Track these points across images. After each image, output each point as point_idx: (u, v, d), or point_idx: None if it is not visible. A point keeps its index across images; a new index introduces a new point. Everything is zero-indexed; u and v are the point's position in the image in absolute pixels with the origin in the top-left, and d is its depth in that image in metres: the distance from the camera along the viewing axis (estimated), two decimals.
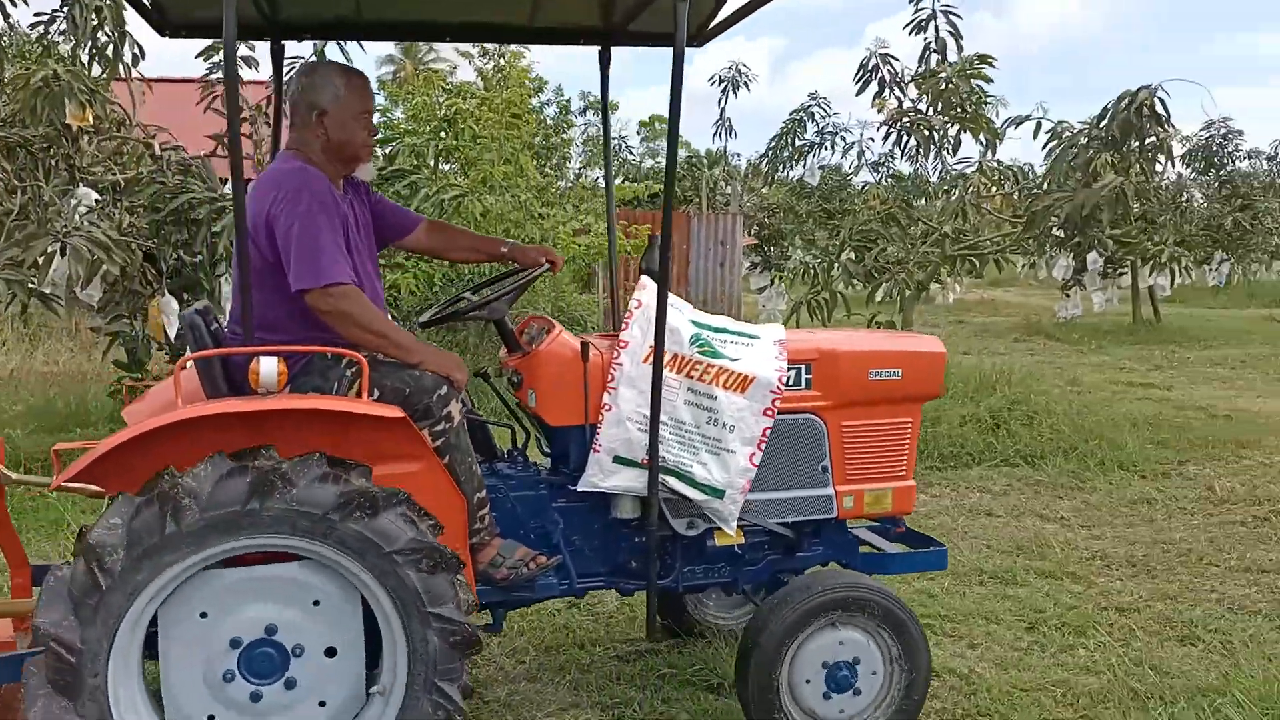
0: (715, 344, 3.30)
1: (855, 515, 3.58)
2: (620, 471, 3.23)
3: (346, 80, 3.18)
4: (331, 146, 3.16)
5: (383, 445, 2.83)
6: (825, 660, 3.20)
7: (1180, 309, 19.78)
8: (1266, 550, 5.50)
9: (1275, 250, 20.31)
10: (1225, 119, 17.71)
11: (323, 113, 3.12)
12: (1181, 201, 16.67)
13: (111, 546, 2.58)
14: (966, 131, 7.80)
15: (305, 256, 2.92)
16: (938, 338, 3.79)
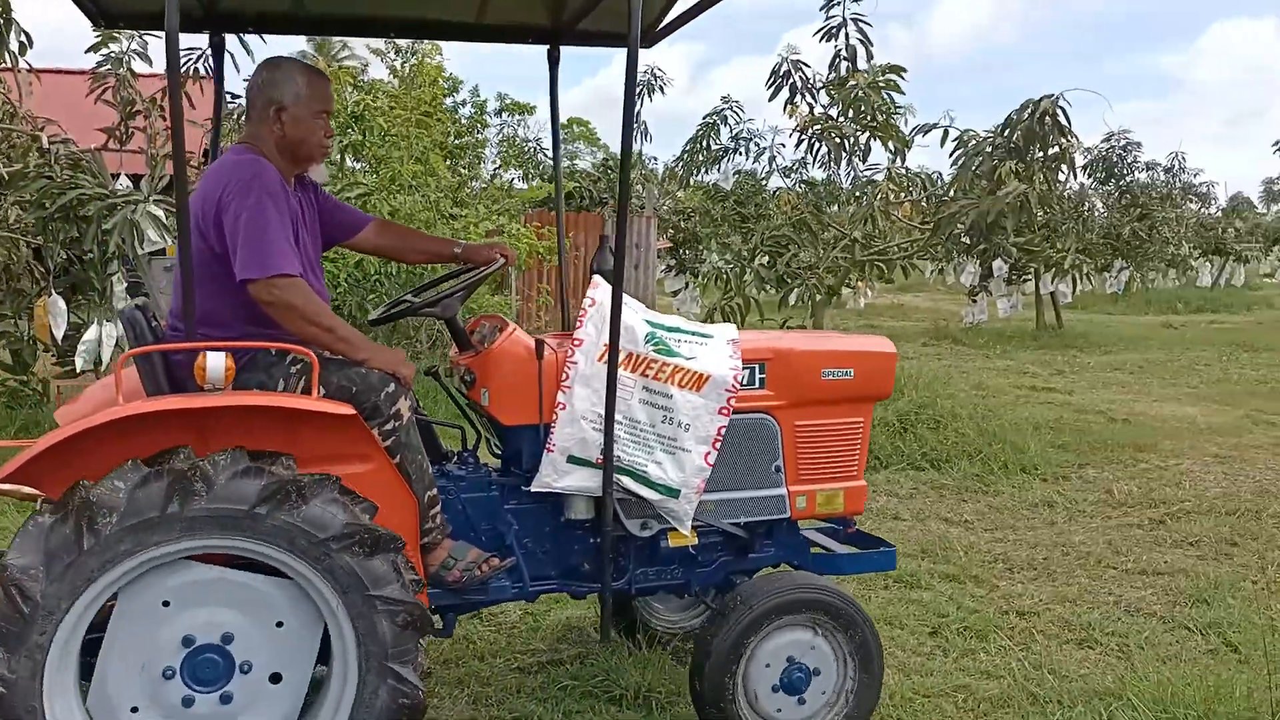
0: (670, 342, 3.28)
1: (808, 516, 3.58)
2: (574, 471, 3.19)
3: (309, 79, 3.15)
4: (287, 143, 3.12)
5: (333, 445, 2.77)
6: (782, 661, 3.22)
7: (1081, 315, 20.35)
8: (1161, 553, 5.64)
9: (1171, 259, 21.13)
10: (1125, 131, 18.37)
11: (281, 108, 3.08)
12: (1083, 210, 17.19)
13: (31, 568, 2.48)
14: (876, 139, 7.88)
15: (252, 246, 2.86)
16: (886, 338, 3.81)
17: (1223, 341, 16.00)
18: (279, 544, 2.63)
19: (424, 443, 3.19)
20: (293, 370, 2.98)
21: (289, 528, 2.62)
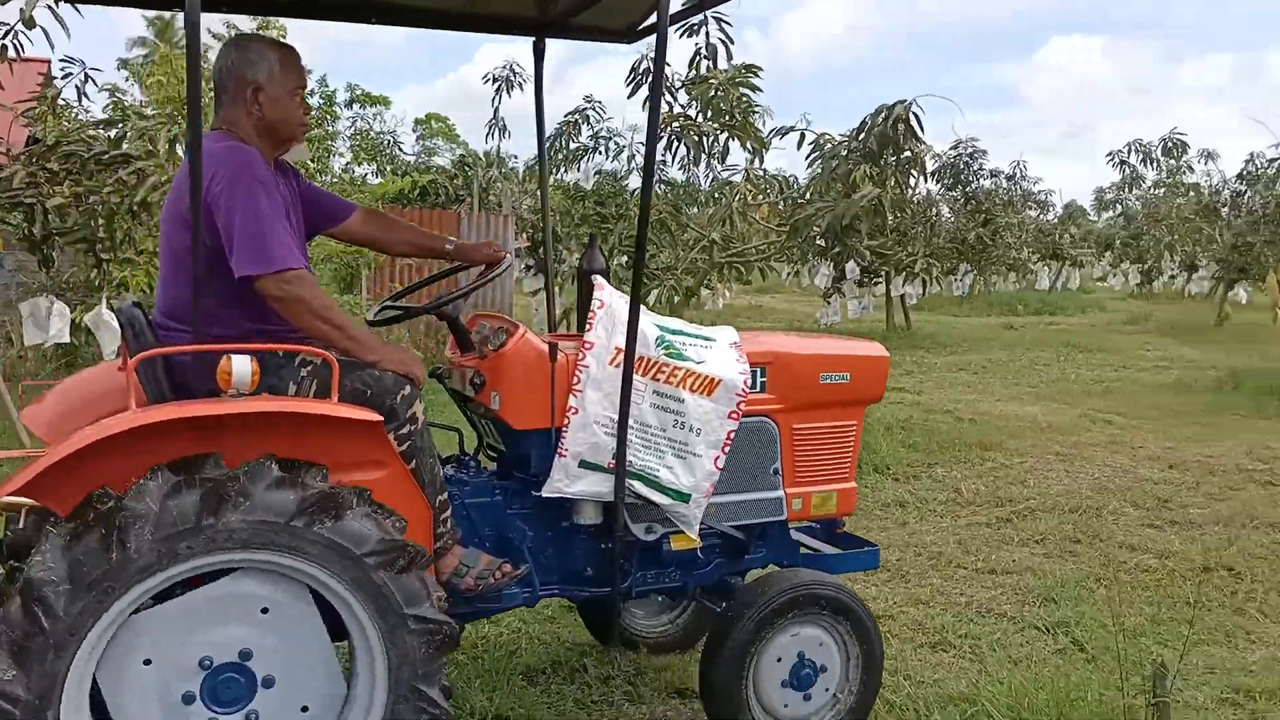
0: (679, 346, 3.25)
1: (803, 517, 3.59)
2: (586, 476, 3.15)
3: (281, 55, 3.00)
4: (265, 124, 2.97)
5: (351, 451, 2.67)
6: (793, 657, 3.24)
7: (928, 316, 21.02)
8: (1009, 551, 5.74)
9: (1013, 263, 22.05)
10: (971, 139, 19.02)
11: (258, 89, 2.94)
12: (931, 215, 17.72)
13: (54, 582, 2.33)
14: (735, 139, 7.85)
15: (253, 241, 2.72)
16: (878, 343, 3.84)
17: (1059, 342, 16.74)
18: (314, 559, 2.51)
19: None
20: (303, 373, 2.85)
21: (326, 542, 2.50)
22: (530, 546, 3.29)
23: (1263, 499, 6.96)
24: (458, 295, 3.29)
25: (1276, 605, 4.86)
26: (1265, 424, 9.87)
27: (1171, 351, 16.50)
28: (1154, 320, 20.85)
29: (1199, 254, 24.42)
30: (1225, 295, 20.48)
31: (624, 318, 3.12)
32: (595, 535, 3.31)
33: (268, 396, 2.68)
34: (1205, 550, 5.67)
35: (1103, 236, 31.17)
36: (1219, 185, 22.03)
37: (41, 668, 2.32)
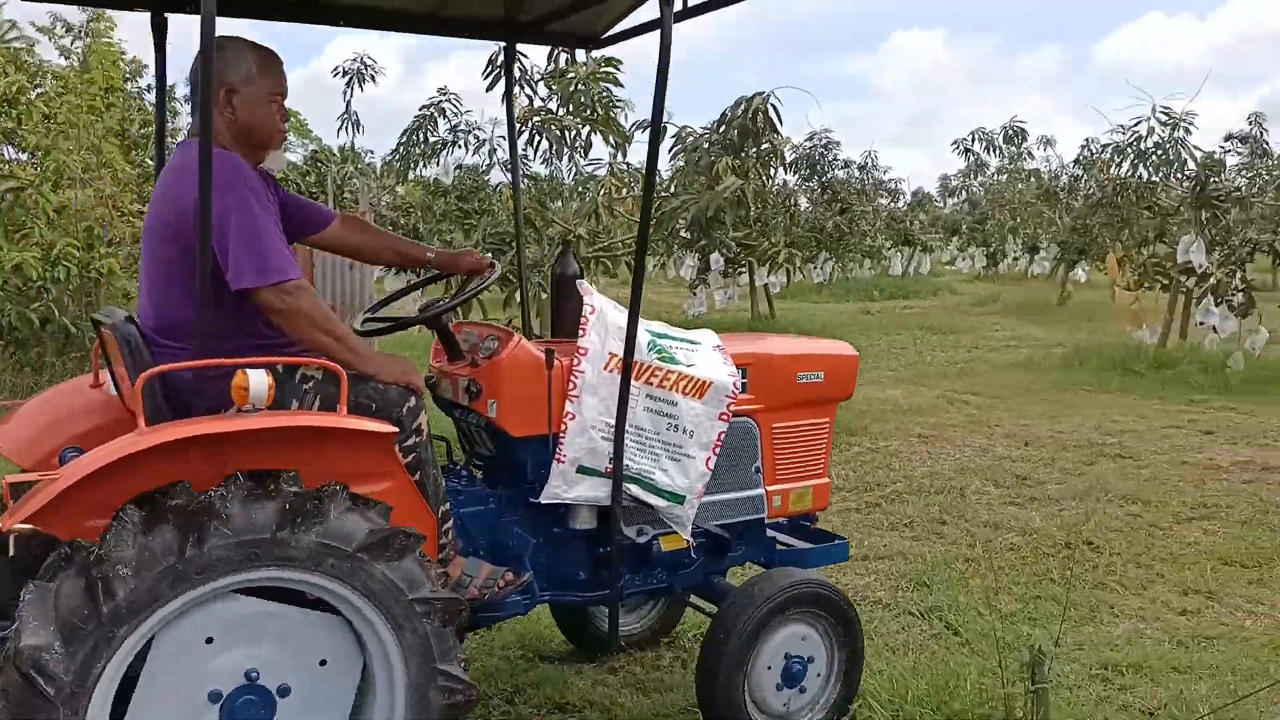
0: (670, 350, 3.30)
1: (782, 514, 3.67)
2: (583, 481, 3.18)
3: (259, 58, 2.90)
4: (240, 129, 2.87)
5: (359, 464, 2.61)
6: (784, 654, 3.31)
7: (791, 304, 21.40)
8: (880, 536, 5.82)
9: (868, 250, 22.63)
10: (826, 130, 19.40)
11: (232, 91, 2.84)
12: (791, 206, 18.02)
13: (47, 647, 2.21)
14: (598, 133, 7.75)
15: (250, 251, 2.65)
16: (846, 343, 3.94)
17: (915, 325, 17.28)
18: (307, 566, 2.43)
19: None
20: (305, 387, 2.78)
21: (316, 546, 2.42)
22: (528, 554, 3.30)
23: (1114, 472, 7.27)
24: (450, 305, 3.29)
25: (1135, 578, 5.05)
26: (1109, 398, 10.37)
27: (1019, 331, 17.21)
28: (1001, 301, 21.73)
29: (1040, 236, 25.57)
30: (1066, 275, 21.49)
31: (615, 322, 3.18)
32: (591, 540, 3.33)
33: (284, 411, 2.63)
34: (1066, 526, 5.87)
35: (950, 222, 32.31)
36: (1057, 170, 23.10)
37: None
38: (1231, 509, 6.26)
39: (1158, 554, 5.41)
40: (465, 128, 10.51)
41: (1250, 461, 7.54)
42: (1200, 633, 4.35)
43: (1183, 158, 11.35)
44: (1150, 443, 8.24)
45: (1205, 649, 4.16)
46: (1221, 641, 4.24)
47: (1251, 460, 7.58)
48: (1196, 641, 4.24)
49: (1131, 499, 6.46)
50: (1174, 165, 11.45)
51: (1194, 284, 11.44)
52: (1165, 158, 11.49)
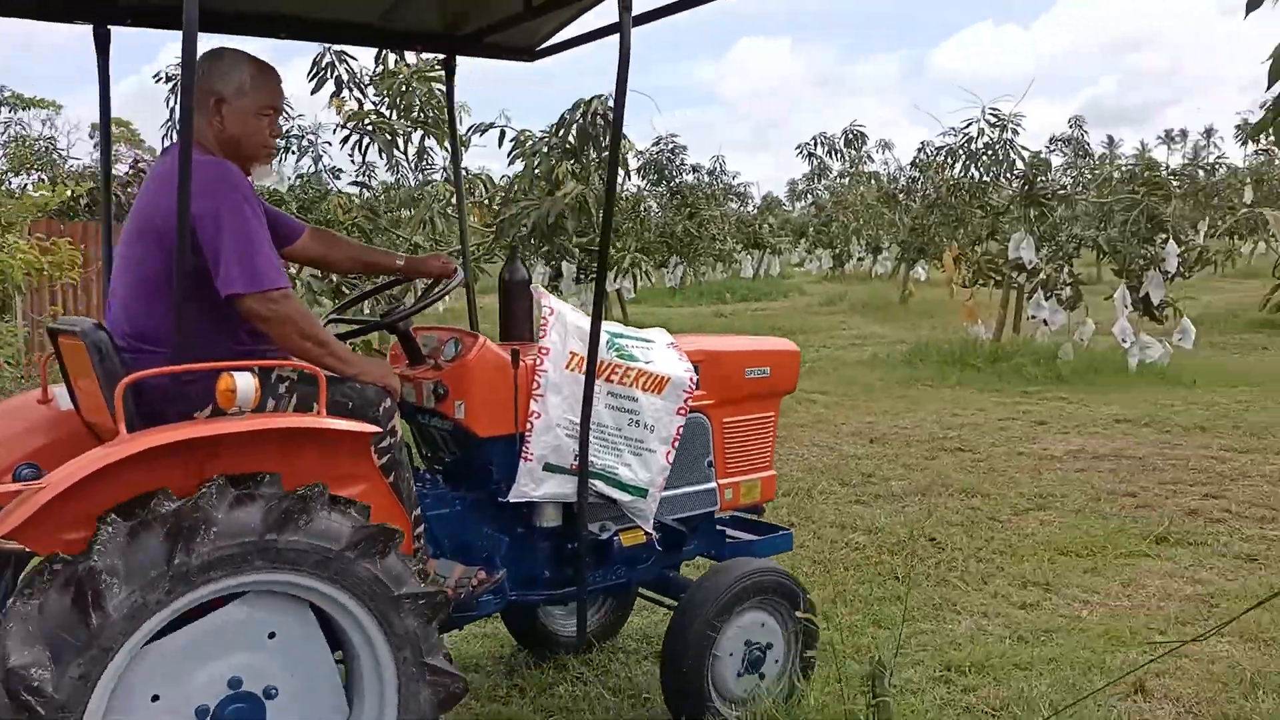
0: (629, 348, 3.37)
1: (733, 506, 3.75)
2: (550, 479, 3.23)
3: (256, 72, 2.92)
4: (226, 139, 2.89)
5: (336, 466, 2.62)
6: (745, 642, 3.37)
7: (645, 309, 21.43)
8: None
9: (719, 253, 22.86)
10: (673, 135, 19.52)
11: (221, 100, 2.87)
12: (640, 211, 18.00)
13: (38, 664, 2.17)
14: (432, 137, 7.46)
15: (241, 257, 2.66)
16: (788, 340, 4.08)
17: (767, 326, 17.47)
18: (296, 567, 2.44)
19: None
20: (281, 389, 2.81)
21: (303, 547, 2.43)
22: (498, 553, 3.33)
23: (954, 465, 7.42)
24: (414, 309, 3.32)
25: (976, 572, 5.10)
26: (950, 393, 10.65)
27: (865, 330, 17.66)
28: (847, 301, 22.29)
29: (882, 237, 26.37)
30: (907, 275, 22.19)
31: (574, 323, 3.27)
32: (556, 538, 3.38)
33: (267, 413, 2.68)
34: (909, 523, 5.92)
35: (797, 224, 33.07)
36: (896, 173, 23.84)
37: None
38: (1066, 498, 6.44)
39: (997, 547, 5.49)
40: (298, 133, 10.04)
41: (1081, 450, 7.81)
42: (1040, 626, 4.39)
43: (1011, 158, 11.79)
44: (988, 435, 8.46)
45: (1045, 643, 4.20)
46: (1060, 634, 4.29)
47: (1083, 449, 7.86)
48: (1036, 636, 4.28)
49: (971, 492, 6.58)
50: (1003, 166, 11.88)
51: (1025, 280, 11.88)
52: (995, 158, 11.91)
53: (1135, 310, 11.03)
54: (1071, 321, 11.92)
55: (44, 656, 2.16)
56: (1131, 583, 4.96)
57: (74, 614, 2.19)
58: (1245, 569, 5.12)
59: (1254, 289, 21.29)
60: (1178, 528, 5.74)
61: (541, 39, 3.84)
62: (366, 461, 2.72)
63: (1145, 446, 7.87)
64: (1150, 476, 6.98)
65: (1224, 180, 15.24)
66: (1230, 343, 14.28)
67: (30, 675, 2.13)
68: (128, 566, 2.24)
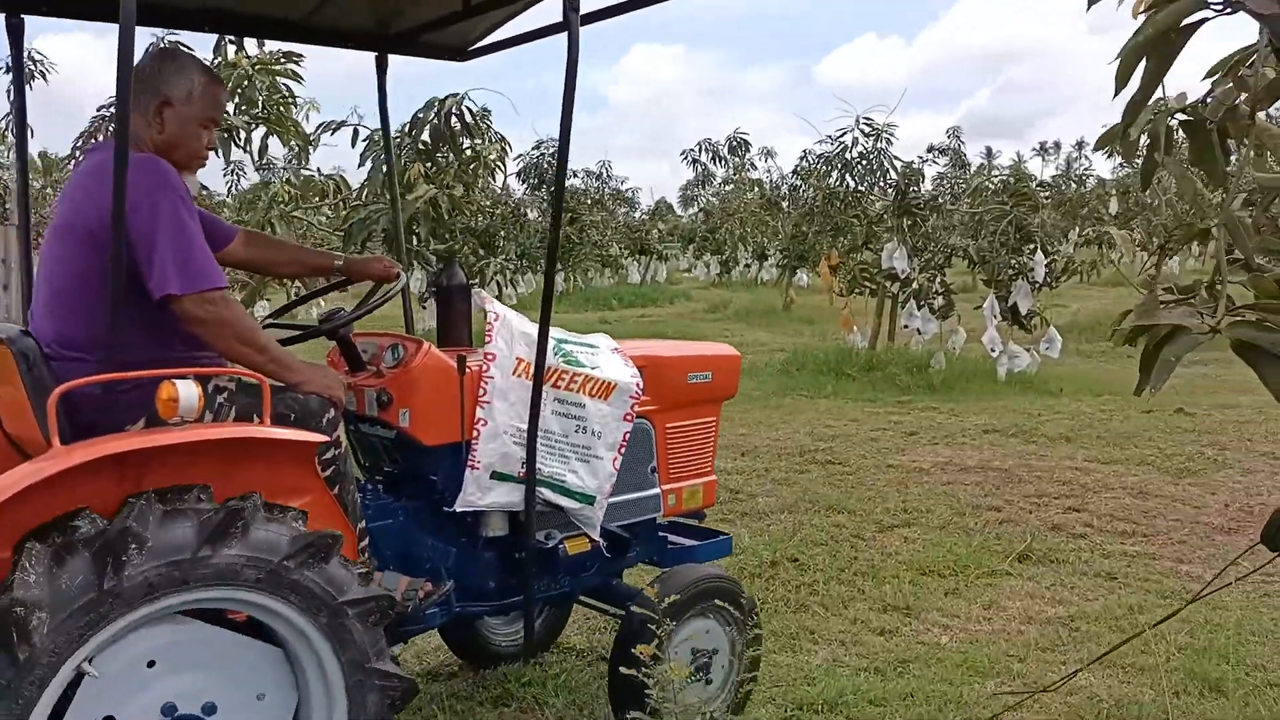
0: (575, 353, 3.33)
1: (676, 512, 3.73)
2: (497, 487, 3.18)
3: (206, 80, 2.90)
4: (164, 143, 2.81)
5: (279, 477, 2.55)
6: (690, 649, 3.38)
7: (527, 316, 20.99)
8: None
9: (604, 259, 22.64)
10: (553, 139, 19.19)
11: (167, 103, 2.80)
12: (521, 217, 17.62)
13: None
14: (274, 134, 6.96)
15: (178, 257, 2.57)
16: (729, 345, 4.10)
17: (650, 333, 17.27)
18: (233, 582, 2.35)
19: None
20: (220, 399, 2.70)
21: (241, 561, 2.34)
22: (445, 564, 3.26)
23: (823, 479, 7.26)
24: (356, 314, 3.19)
25: (837, 595, 4.90)
26: (824, 403, 10.56)
27: (748, 336, 17.61)
28: (732, 307, 22.29)
29: (767, 244, 26.51)
30: (790, 281, 22.29)
31: (519, 328, 3.22)
32: (501, 547, 3.31)
33: (209, 425, 2.58)
34: (772, 541, 5.68)
35: (686, 231, 33.12)
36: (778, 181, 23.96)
37: None
38: (930, 513, 6.31)
39: (860, 567, 5.30)
40: None
41: (949, 462, 7.75)
42: (898, 656, 4.19)
43: (885, 168, 11.80)
44: (859, 446, 8.35)
45: (902, 674, 4.00)
46: (917, 665, 4.09)
47: (950, 460, 7.79)
48: (893, 667, 4.07)
49: (838, 508, 6.41)
50: (877, 175, 11.89)
51: (898, 289, 11.90)
52: (869, 167, 11.91)
53: (1004, 320, 11.14)
54: (944, 330, 12.00)
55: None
56: (992, 605, 4.82)
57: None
58: (1105, 588, 5.04)
59: (1120, 296, 22.06)
60: (1040, 544, 5.65)
61: (476, 39, 3.81)
62: (311, 473, 2.65)
63: (1011, 458, 7.85)
64: (1015, 489, 6.93)
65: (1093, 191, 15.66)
66: (1096, 351, 14.63)
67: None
68: (53, 595, 2.13)
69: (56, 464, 2.20)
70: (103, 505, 2.29)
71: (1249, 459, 7.64)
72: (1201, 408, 9.60)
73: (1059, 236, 11.75)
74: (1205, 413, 9.35)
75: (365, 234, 6.96)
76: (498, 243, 14.88)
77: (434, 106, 6.77)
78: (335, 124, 7.46)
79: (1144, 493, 6.78)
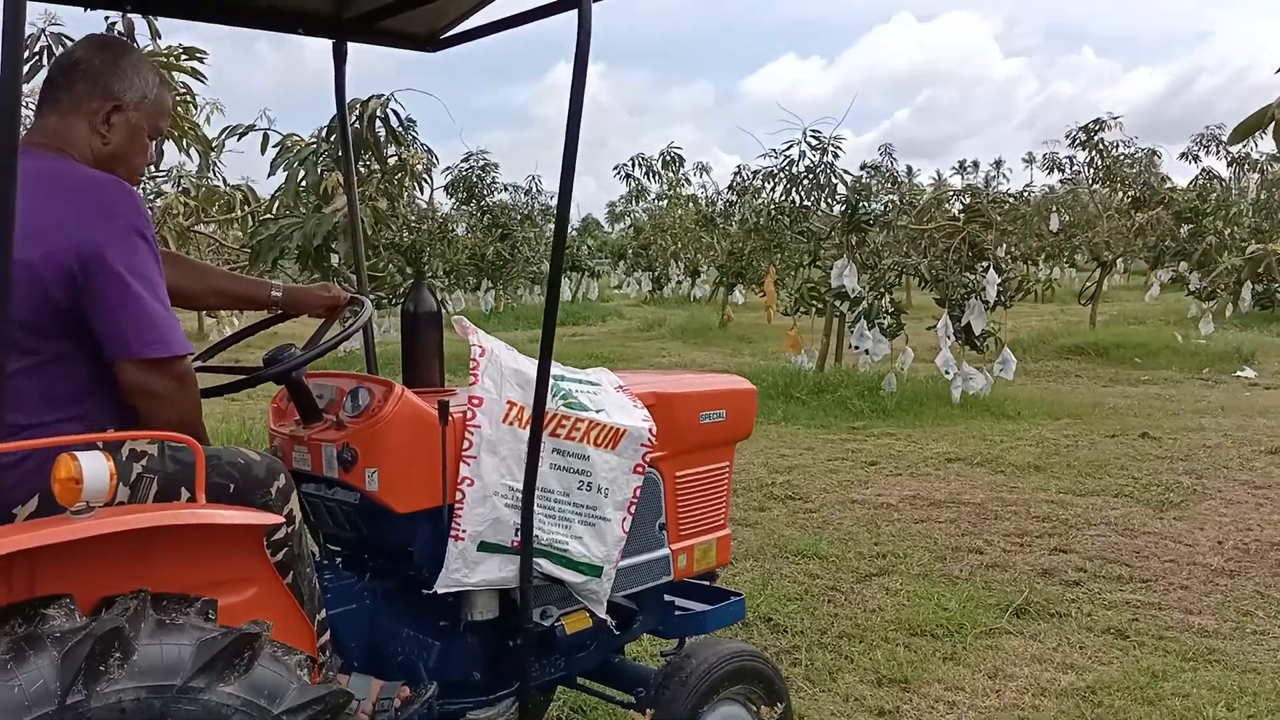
0: (575, 394, 2.81)
1: (687, 574, 3.19)
2: (487, 560, 2.65)
3: (160, 83, 2.42)
4: (107, 155, 2.30)
5: (216, 570, 2.05)
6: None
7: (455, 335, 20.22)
8: None
9: (534, 276, 21.93)
10: (483, 152, 18.52)
11: (119, 108, 2.31)
12: (450, 232, 16.87)
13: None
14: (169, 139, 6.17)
15: (154, 318, 2.14)
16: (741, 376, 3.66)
17: (583, 354, 16.60)
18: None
19: None
20: (137, 469, 2.14)
21: (130, 696, 1.74)
22: (423, 659, 2.74)
23: (786, 518, 6.67)
24: (309, 355, 2.65)
25: (823, 665, 4.28)
26: (775, 429, 9.99)
27: (685, 356, 17.06)
28: (667, 325, 21.75)
29: (701, 261, 26.03)
30: (726, 299, 21.82)
31: (510, 365, 2.71)
32: (490, 630, 2.80)
33: (124, 508, 2.03)
34: None
35: (616, 247, 32.53)
36: (714, 196, 23.51)
37: None
38: (908, 558, 5.76)
39: (843, 628, 4.70)
40: None
41: (917, 495, 7.22)
42: None
43: (834, 182, 11.33)
44: (818, 479, 7.79)
45: None
46: None
47: (918, 494, 7.27)
48: None
49: (808, 554, 5.81)
50: (825, 190, 11.41)
51: (847, 308, 11.42)
52: (816, 182, 11.42)
53: (957, 340, 10.72)
54: (893, 350, 11.56)
55: None
56: (998, 673, 4.24)
57: None
58: (1118, 648, 4.51)
59: (1051, 313, 22.02)
60: (1035, 595, 5.12)
61: (446, 26, 3.39)
62: (258, 559, 2.19)
63: (982, 490, 7.35)
64: (993, 527, 6.42)
65: (1034, 208, 15.47)
66: (1043, 370, 14.35)
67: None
68: None
69: None
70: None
71: (1229, 488, 7.25)
72: (1165, 430, 9.25)
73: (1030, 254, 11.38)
74: (1170, 436, 8.98)
75: (277, 251, 6.19)
76: (425, 259, 14.13)
77: (355, 109, 6.05)
78: (243, 128, 6.68)
79: (1130, 529, 6.32)
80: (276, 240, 6.10)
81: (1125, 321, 19.91)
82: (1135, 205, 17.89)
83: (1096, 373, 14.25)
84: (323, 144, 6.31)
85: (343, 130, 3.81)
